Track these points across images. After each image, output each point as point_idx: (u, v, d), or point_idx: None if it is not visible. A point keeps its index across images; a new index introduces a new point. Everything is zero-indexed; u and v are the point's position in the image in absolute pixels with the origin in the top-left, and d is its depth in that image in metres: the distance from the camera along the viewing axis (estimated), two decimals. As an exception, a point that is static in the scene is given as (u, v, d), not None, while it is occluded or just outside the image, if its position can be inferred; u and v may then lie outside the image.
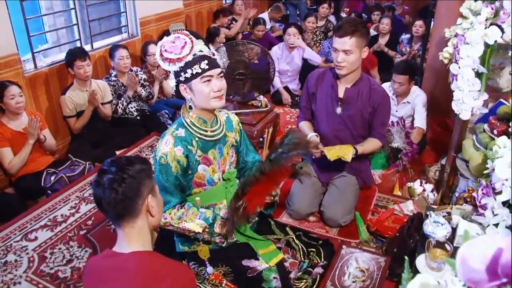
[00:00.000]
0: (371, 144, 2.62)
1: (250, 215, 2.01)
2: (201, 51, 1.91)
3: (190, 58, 1.87)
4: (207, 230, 1.95)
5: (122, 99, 4.02)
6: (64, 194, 3.11)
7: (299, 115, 2.89)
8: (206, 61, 1.89)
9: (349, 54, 2.40)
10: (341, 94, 2.58)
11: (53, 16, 4.66)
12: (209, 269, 2.02)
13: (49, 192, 3.17)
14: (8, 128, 3.17)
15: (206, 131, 1.99)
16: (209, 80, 1.90)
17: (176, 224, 1.92)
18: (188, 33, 1.93)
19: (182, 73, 1.89)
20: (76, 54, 3.64)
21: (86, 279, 1.49)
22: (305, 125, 2.78)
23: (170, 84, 1.97)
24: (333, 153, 2.45)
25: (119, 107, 4.00)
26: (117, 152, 3.68)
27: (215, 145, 2.05)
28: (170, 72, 1.97)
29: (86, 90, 3.75)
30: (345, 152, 2.45)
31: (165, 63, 1.89)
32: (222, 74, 1.95)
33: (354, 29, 2.36)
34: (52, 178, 3.22)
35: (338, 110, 2.59)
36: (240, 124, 2.25)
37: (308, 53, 5.04)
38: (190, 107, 1.97)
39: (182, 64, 1.87)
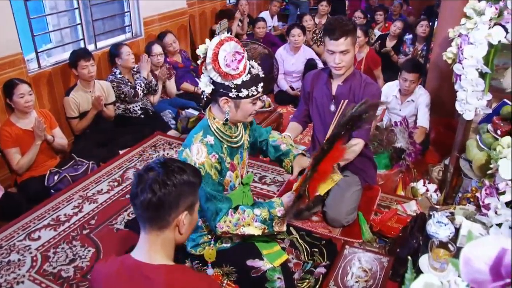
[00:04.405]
0: (353, 148, 2.43)
1: (310, 200, 1.91)
2: (252, 67, 1.85)
3: (246, 77, 1.81)
4: (266, 231, 1.91)
5: (129, 86, 4.02)
6: (67, 194, 3.12)
7: (294, 114, 2.89)
8: (262, 84, 1.87)
9: (346, 53, 2.41)
10: (334, 91, 2.59)
11: (57, 16, 4.66)
12: (210, 270, 2.02)
13: (53, 191, 3.17)
14: (17, 127, 3.18)
15: (231, 137, 1.96)
16: (256, 103, 1.90)
17: (234, 231, 1.87)
18: (242, 45, 1.82)
19: (234, 90, 1.80)
20: (80, 55, 3.65)
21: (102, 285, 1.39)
22: (291, 125, 2.77)
23: (205, 90, 1.83)
24: (322, 187, 2.03)
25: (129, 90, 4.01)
26: (121, 152, 3.69)
27: (238, 150, 2.03)
28: (205, 75, 1.82)
29: (90, 91, 3.75)
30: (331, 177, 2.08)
31: (216, 73, 1.76)
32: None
33: (348, 29, 2.36)
34: (56, 177, 3.22)
35: (332, 107, 2.59)
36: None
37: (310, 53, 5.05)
38: (227, 120, 1.90)
39: (238, 82, 1.79)
